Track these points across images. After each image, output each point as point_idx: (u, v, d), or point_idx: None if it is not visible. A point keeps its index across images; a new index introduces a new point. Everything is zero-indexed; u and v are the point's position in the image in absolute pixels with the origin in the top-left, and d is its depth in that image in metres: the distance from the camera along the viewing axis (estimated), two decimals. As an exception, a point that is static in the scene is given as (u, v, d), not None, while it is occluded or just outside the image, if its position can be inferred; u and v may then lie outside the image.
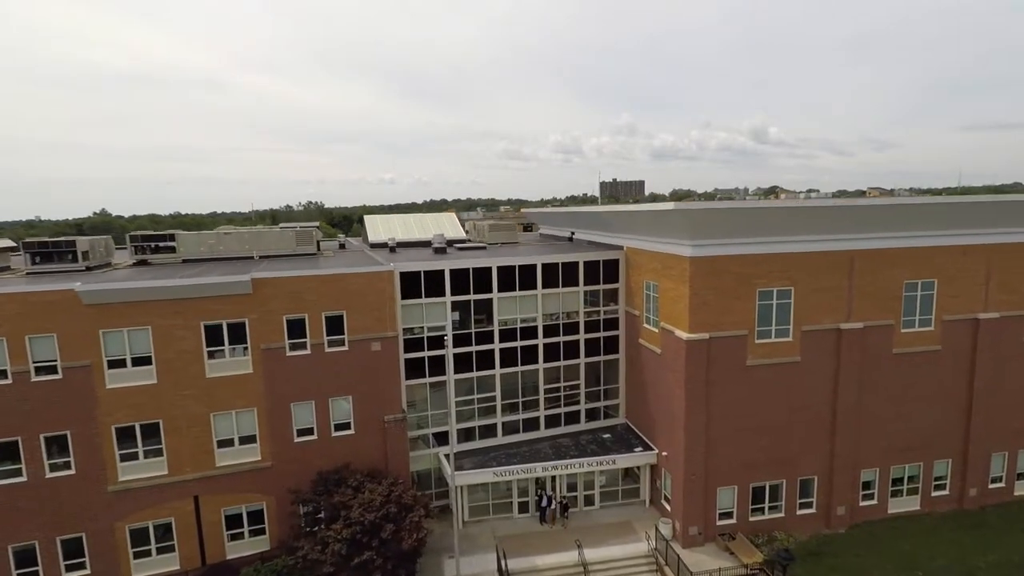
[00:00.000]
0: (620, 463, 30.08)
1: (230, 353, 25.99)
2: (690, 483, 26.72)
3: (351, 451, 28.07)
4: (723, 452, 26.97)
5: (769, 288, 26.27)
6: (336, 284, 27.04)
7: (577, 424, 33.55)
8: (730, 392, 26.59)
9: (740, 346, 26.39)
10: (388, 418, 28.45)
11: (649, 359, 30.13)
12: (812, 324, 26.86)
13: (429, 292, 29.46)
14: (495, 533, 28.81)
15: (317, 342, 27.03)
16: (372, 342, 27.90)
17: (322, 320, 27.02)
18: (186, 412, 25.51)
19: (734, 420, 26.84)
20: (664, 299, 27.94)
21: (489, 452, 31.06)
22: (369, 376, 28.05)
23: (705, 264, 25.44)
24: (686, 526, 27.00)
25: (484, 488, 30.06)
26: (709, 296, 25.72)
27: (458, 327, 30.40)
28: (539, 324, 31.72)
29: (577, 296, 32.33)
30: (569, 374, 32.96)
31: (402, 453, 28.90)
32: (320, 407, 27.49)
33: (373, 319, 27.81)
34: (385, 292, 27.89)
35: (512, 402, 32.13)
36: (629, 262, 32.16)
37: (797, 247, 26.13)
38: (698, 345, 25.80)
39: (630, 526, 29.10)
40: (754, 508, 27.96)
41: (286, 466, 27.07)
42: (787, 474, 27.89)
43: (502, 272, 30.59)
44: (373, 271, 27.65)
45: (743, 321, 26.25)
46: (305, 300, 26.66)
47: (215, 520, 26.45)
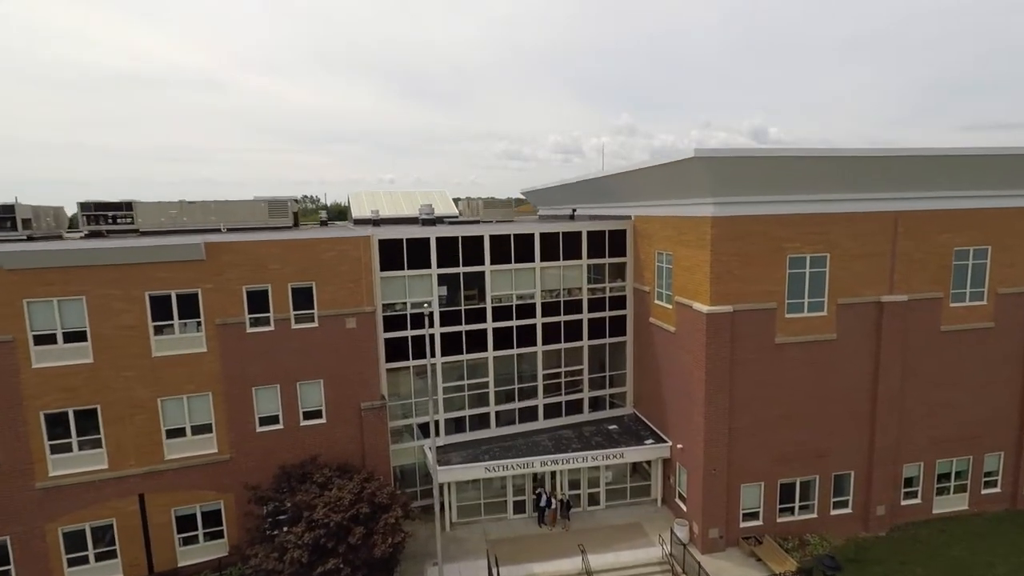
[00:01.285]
0: (629, 457, 26.62)
1: (180, 329, 22.52)
2: (710, 479, 23.26)
3: (323, 443, 24.62)
4: (748, 444, 23.52)
5: (801, 254, 22.83)
6: (304, 251, 23.59)
7: (580, 414, 30.10)
8: (756, 374, 23.15)
9: (768, 321, 22.94)
10: (365, 405, 25.00)
11: (661, 340, 26.69)
12: (849, 296, 23.41)
13: (413, 263, 26.01)
14: (487, 536, 25.34)
15: (282, 317, 23.58)
16: (346, 318, 24.45)
17: (288, 292, 23.57)
18: (129, 397, 22.04)
19: (761, 407, 23.40)
20: (680, 270, 24.49)
21: (481, 445, 27.61)
22: (343, 357, 24.59)
23: (729, 225, 22.01)
24: (705, 528, 23.54)
25: (475, 485, 26.60)
26: (733, 263, 22.27)
27: (446, 303, 26.95)
28: (537, 301, 28.27)
29: (580, 271, 28.88)
30: (571, 358, 29.51)
31: (381, 445, 25.45)
32: (286, 392, 24.04)
33: (347, 292, 24.35)
34: (361, 262, 24.44)
35: (507, 389, 28.68)
36: (638, 232, 28.72)
37: (834, 207, 22.69)
38: (720, 319, 22.36)
39: (640, 528, 25.63)
40: (782, 508, 24.49)
41: (247, 460, 23.62)
42: (820, 469, 24.43)
43: (496, 242, 27.16)
44: (347, 236, 24.21)
45: (772, 292, 22.81)
46: (268, 269, 23.21)
47: (164, 522, 22.97)
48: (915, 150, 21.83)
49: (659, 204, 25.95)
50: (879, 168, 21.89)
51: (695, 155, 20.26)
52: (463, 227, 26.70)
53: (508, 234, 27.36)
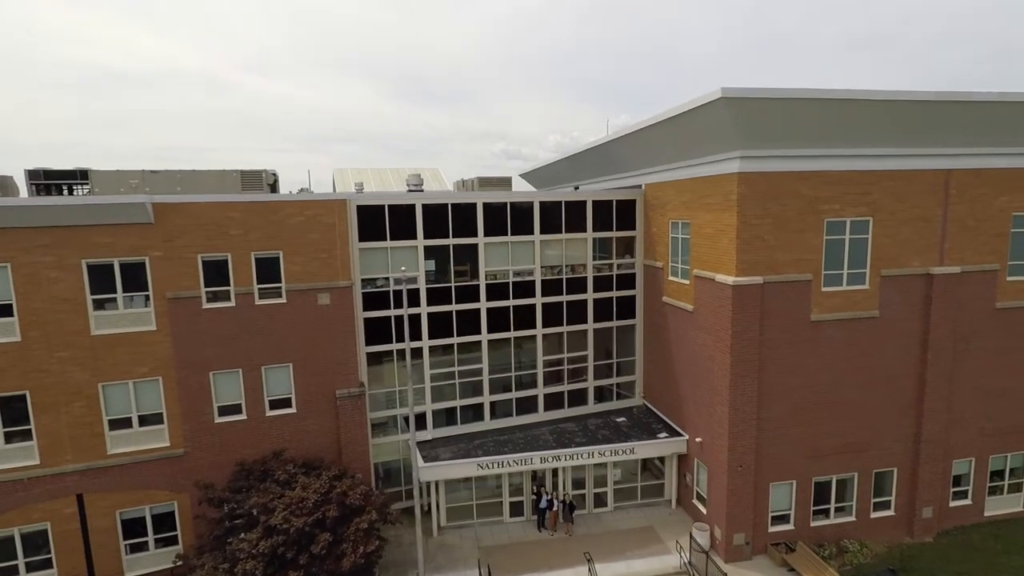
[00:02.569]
0: (640, 452, 23.61)
1: (125, 303, 19.51)
2: (736, 477, 20.25)
3: (293, 435, 21.62)
4: (778, 436, 20.52)
5: (841, 218, 19.84)
6: (269, 215, 20.58)
7: (584, 405, 27.09)
8: (789, 357, 20.16)
9: (802, 296, 19.95)
10: (341, 393, 21.98)
11: (677, 321, 23.69)
12: (895, 267, 20.43)
13: (396, 233, 23.00)
14: (480, 543, 22.31)
15: (244, 291, 20.56)
16: (318, 293, 21.44)
17: (251, 262, 20.55)
18: (64, 381, 19.03)
19: (793, 394, 20.41)
20: (699, 239, 21.50)
21: (474, 439, 24.59)
22: (315, 338, 21.58)
23: (758, 183, 19.03)
24: (730, 533, 20.53)
25: (466, 484, 23.59)
26: (764, 227, 19.29)
27: (434, 279, 23.95)
28: (537, 279, 25.26)
29: (584, 245, 25.87)
30: (574, 343, 26.50)
31: (359, 439, 22.43)
32: (250, 378, 21.03)
33: (319, 264, 21.34)
34: (335, 229, 21.43)
35: (503, 377, 25.67)
36: (649, 203, 25.73)
37: (878, 163, 19.71)
38: (748, 293, 19.37)
39: (653, 533, 22.62)
40: (816, 510, 21.48)
41: (204, 455, 20.60)
42: (859, 465, 21.42)
43: (490, 212, 24.16)
44: (319, 200, 21.19)
45: (806, 262, 19.82)
46: (228, 235, 20.20)
47: (107, 526, 19.95)
48: (983, 95, 18.82)
49: (674, 167, 22.95)
50: (936, 116, 18.88)
51: (722, 95, 17.26)
52: (454, 194, 23.66)
53: (504, 203, 24.37)
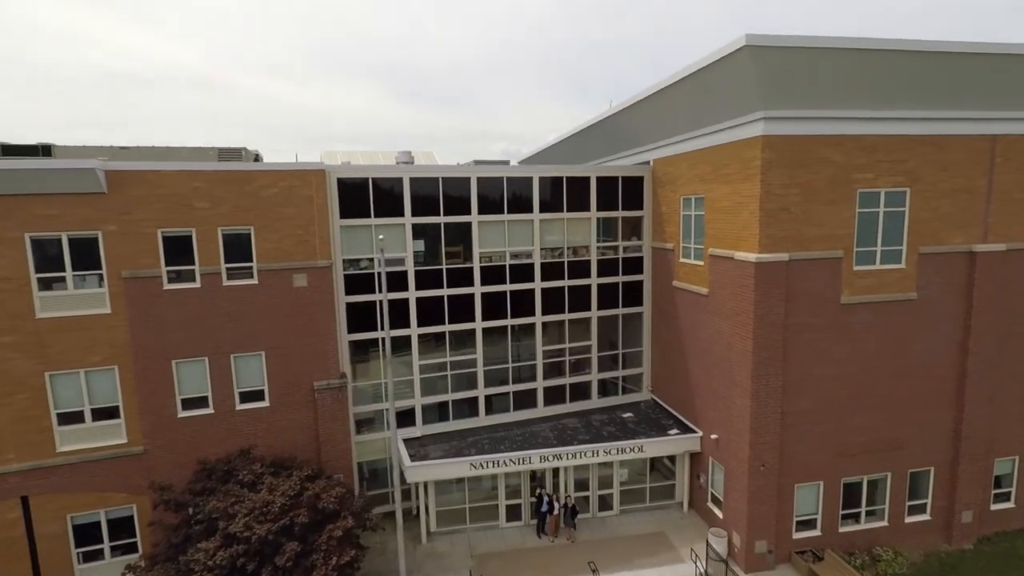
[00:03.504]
0: (649, 451, 21.53)
1: (75, 283, 17.45)
2: (758, 478, 18.19)
3: (266, 432, 19.56)
4: (805, 433, 18.47)
5: (874, 188, 17.79)
6: (239, 186, 18.51)
7: (587, 400, 25.02)
8: (816, 343, 18.10)
9: (832, 275, 17.90)
10: (319, 385, 19.92)
11: (689, 307, 21.63)
12: (934, 244, 18.38)
13: (382, 210, 20.93)
14: (473, 550, 20.25)
15: (211, 271, 18.50)
16: (294, 274, 19.37)
17: (218, 239, 18.49)
18: (5, 371, 16.98)
19: (821, 385, 18.35)
20: (716, 214, 19.45)
21: (468, 436, 22.52)
22: (291, 323, 19.52)
23: (784, 148, 16.98)
24: (750, 540, 18.46)
25: (459, 486, 21.51)
26: (790, 198, 17.24)
27: (423, 261, 21.89)
28: (536, 261, 23.19)
29: (587, 226, 23.80)
30: (576, 333, 24.44)
31: (340, 435, 20.36)
32: (218, 367, 18.97)
33: (295, 241, 19.27)
34: (313, 202, 19.37)
35: (499, 369, 23.60)
36: (658, 180, 23.67)
37: (917, 127, 17.65)
38: (773, 271, 17.31)
39: (664, 540, 20.54)
40: (845, 514, 19.42)
41: (166, 453, 18.54)
42: (893, 465, 19.36)
43: (485, 187, 22.09)
44: (294, 169, 19.11)
45: (837, 237, 17.77)
46: (193, 208, 18.13)
47: (57, 532, 17.88)
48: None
49: (688, 137, 20.88)
50: (985, 71, 16.83)
51: (746, 43, 15.19)
52: (446, 168, 21.61)
53: (500, 177, 22.29)
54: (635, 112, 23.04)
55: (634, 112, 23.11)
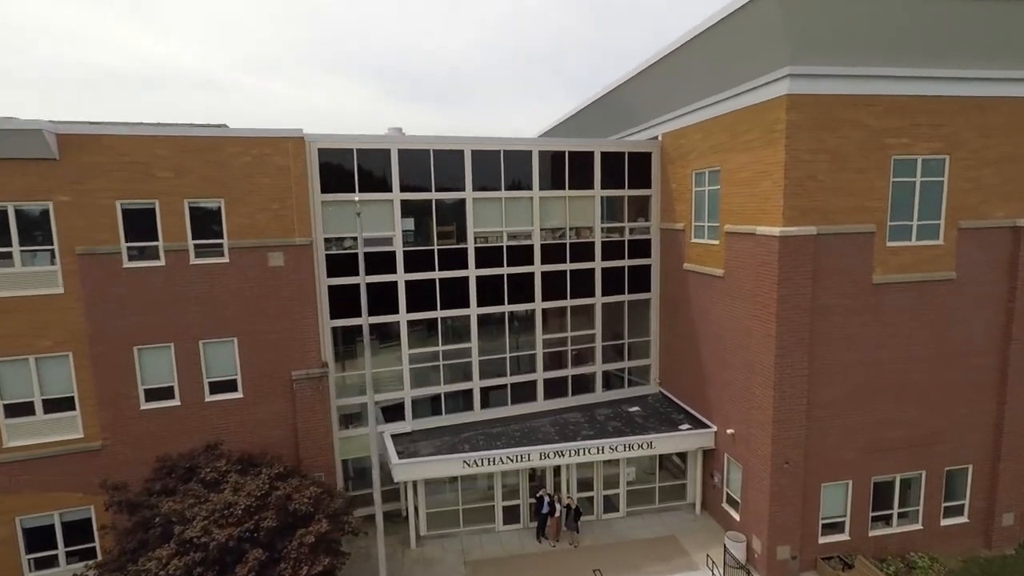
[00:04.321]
0: (660, 447, 19.79)
1: (23, 260, 15.71)
2: (781, 476, 16.44)
3: (239, 426, 17.82)
4: (832, 426, 16.73)
5: (910, 155, 16.06)
6: (207, 154, 16.76)
7: (591, 393, 23.27)
8: (846, 327, 16.37)
9: (863, 252, 16.17)
10: (298, 375, 18.18)
11: (702, 291, 19.90)
12: (975, 218, 16.66)
13: (367, 184, 19.20)
14: (466, 556, 18.50)
15: (177, 247, 16.76)
16: (269, 252, 17.63)
17: (185, 212, 16.75)
18: (-56, 356, 15.25)
19: (851, 373, 16.62)
20: (733, 187, 17.73)
21: (462, 431, 20.78)
22: (266, 307, 17.78)
23: (812, 109, 15.25)
24: (772, 545, 16.71)
25: (452, 486, 19.77)
26: (818, 165, 15.51)
27: (413, 241, 20.16)
28: (536, 242, 21.45)
29: (591, 205, 22.07)
30: (579, 320, 22.71)
31: (320, 430, 18.62)
32: (185, 354, 17.23)
33: (270, 216, 17.53)
34: (290, 173, 17.62)
35: (496, 359, 21.85)
36: (668, 155, 21.94)
37: (959, 87, 15.92)
38: (799, 246, 15.57)
39: (676, 544, 18.80)
40: (876, 516, 17.68)
41: (128, 449, 16.80)
42: (928, 462, 17.63)
43: (481, 162, 20.35)
44: (268, 136, 17.36)
45: (868, 210, 16.04)
46: (155, 178, 16.38)
47: (5, 537, 16.15)
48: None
49: (702, 105, 19.15)
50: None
51: (773, -16, 13.48)
52: (437, 139, 19.87)
53: (497, 150, 20.54)
54: (641, 82, 21.30)
55: (640, 82, 21.37)
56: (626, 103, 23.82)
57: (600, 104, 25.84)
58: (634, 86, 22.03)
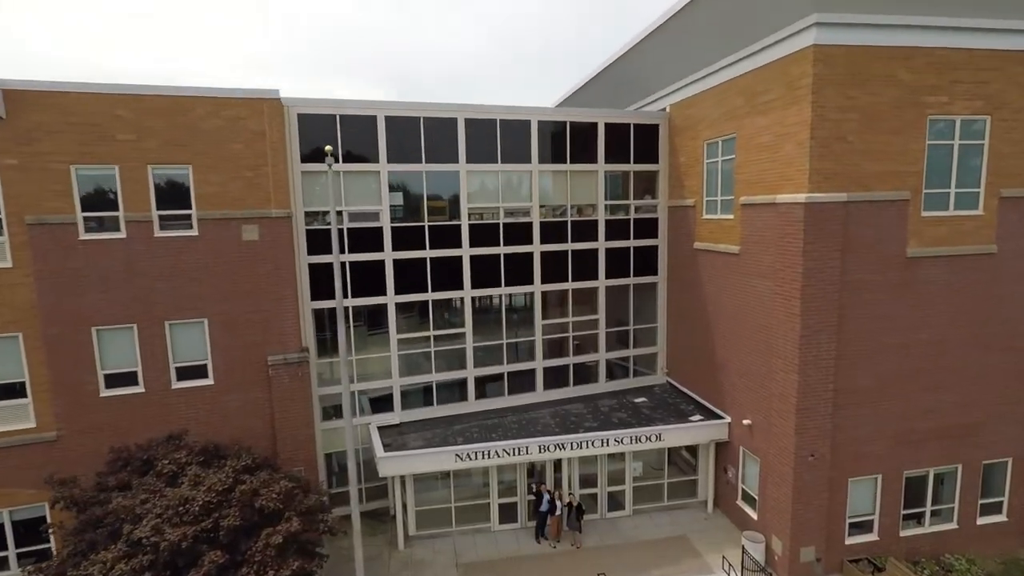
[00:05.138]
0: (669, 439, 18.26)
1: (-34, 230, 14.18)
2: (805, 471, 14.92)
3: (210, 415, 16.30)
4: (862, 415, 15.21)
5: (948, 115, 14.54)
6: (173, 116, 15.22)
7: (594, 383, 21.76)
8: (877, 305, 14.85)
9: (896, 222, 14.65)
10: (274, 359, 16.65)
11: (715, 271, 18.39)
12: (1018, 186, 15.13)
13: (352, 154, 17.68)
14: (459, 558, 16.97)
15: (140, 218, 15.23)
16: (243, 225, 16.09)
17: (149, 179, 15.23)
18: None
19: (882, 357, 15.09)
20: (750, 154, 16.21)
21: (455, 423, 19.26)
22: (239, 285, 16.25)
23: (841, 62, 13.73)
24: (795, 546, 15.19)
25: (444, 482, 18.24)
26: (847, 124, 13.99)
27: (402, 217, 18.65)
28: (535, 220, 19.93)
29: (594, 180, 20.56)
30: (582, 305, 21.20)
31: (300, 421, 17.08)
32: (149, 336, 15.69)
33: (244, 185, 16.00)
34: (266, 139, 16.09)
35: (491, 345, 20.33)
36: (676, 127, 20.42)
37: (1004, 40, 14.40)
38: (827, 214, 14.06)
39: (687, 545, 17.27)
40: (907, 515, 16.15)
41: (85, 440, 15.26)
42: (964, 455, 16.10)
43: (476, 132, 18.85)
44: (242, 97, 15.81)
45: (902, 175, 14.52)
46: (115, 141, 14.85)
47: (-53, 536, 14.62)
48: None
49: (714, 69, 17.60)
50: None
51: (803, -88, 11.96)
52: (427, 106, 18.34)
53: (492, 119, 19.02)
54: (647, 50, 19.83)
55: (645, 50, 19.90)
56: (630, 74, 22.33)
57: (603, 77, 24.39)
58: (639, 55, 20.59)
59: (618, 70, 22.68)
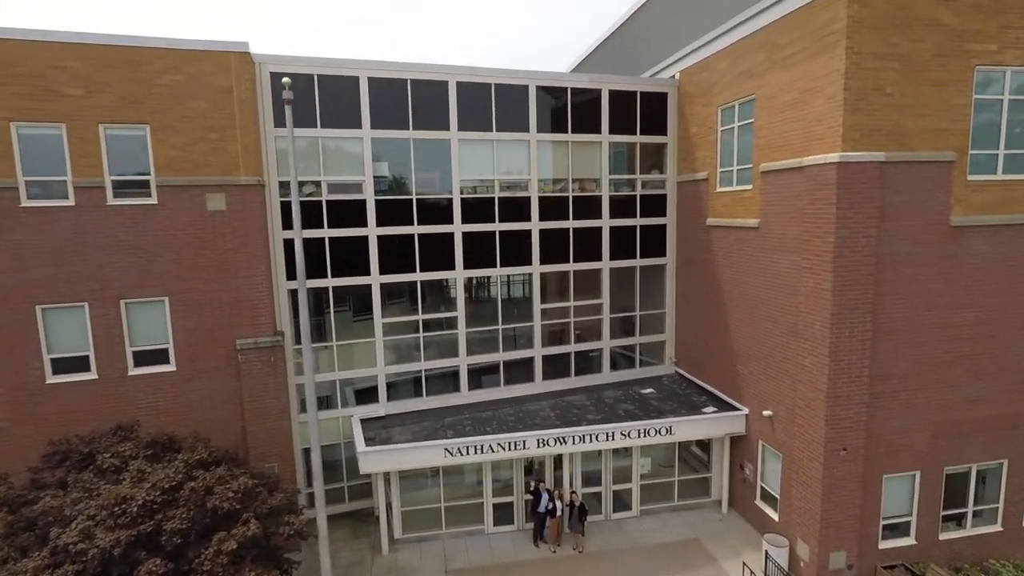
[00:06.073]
0: (680, 433, 16.62)
1: None
2: (836, 466, 13.29)
3: (172, 405, 14.70)
4: (899, 405, 13.59)
5: (997, 66, 12.91)
6: (127, 68, 13.59)
7: (597, 373, 20.14)
8: (917, 281, 13.23)
9: (939, 186, 13.03)
10: (244, 343, 15.03)
11: (730, 248, 16.78)
12: (1074, 149, 13.52)
13: (331, 118, 16.07)
14: (449, 564, 15.34)
15: (91, 183, 13.61)
16: (208, 193, 14.47)
17: (100, 140, 13.60)
18: None
19: (922, 339, 13.47)
20: (772, 114, 14.60)
21: (445, 415, 17.64)
22: (204, 260, 14.64)
23: (879, 1, 12.13)
24: (825, 551, 13.56)
25: (434, 480, 16.62)
26: (886, 74, 12.37)
27: (387, 189, 17.04)
28: (533, 195, 18.32)
29: (597, 152, 18.95)
30: (584, 288, 19.59)
31: (273, 412, 15.47)
32: (103, 316, 14.08)
33: (209, 148, 14.37)
34: (233, 98, 14.46)
35: (486, 332, 18.72)
36: (687, 95, 18.81)
37: (1059, -21, 12.79)
38: (863, 175, 12.45)
39: (701, 549, 15.65)
40: (947, 515, 14.52)
41: (29, 431, 13.64)
42: (1010, 449, 14.46)
43: (468, 97, 17.24)
44: (205, 50, 14.18)
45: (946, 133, 12.90)
46: (62, 96, 13.24)
47: None
48: None
49: (730, 27, 16.01)
50: None
51: None
52: (415, 66, 16.71)
53: (487, 83, 17.40)
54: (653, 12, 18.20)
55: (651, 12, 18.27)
56: (641, 36, 20.71)
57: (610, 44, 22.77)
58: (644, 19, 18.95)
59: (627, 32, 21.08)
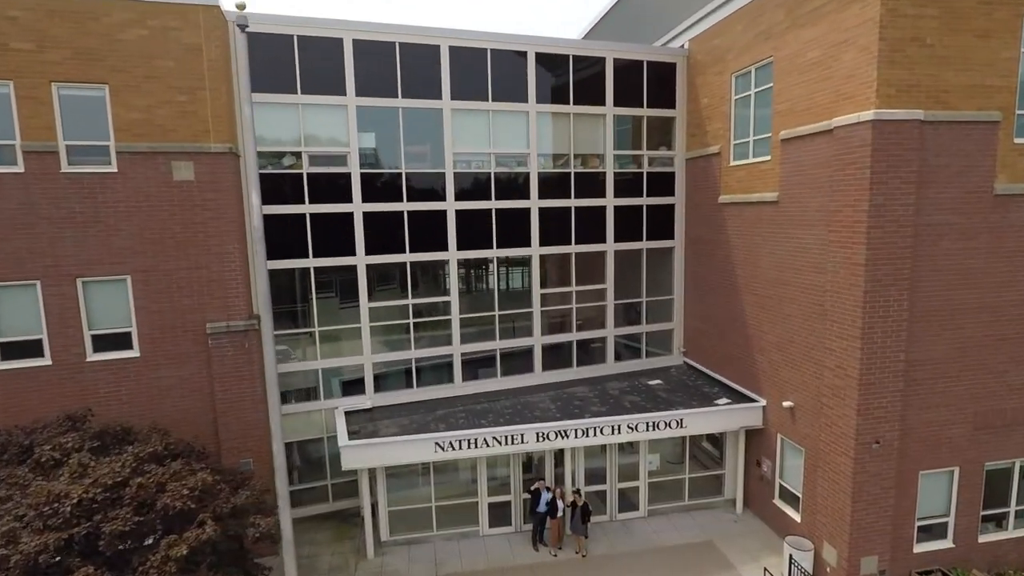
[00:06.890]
0: (692, 426, 15.31)
1: None
2: (869, 462, 12.00)
3: (136, 394, 13.38)
4: (936, 393, 12.30)
5: (1049, 17, 11.64)
6: (84, 21, 12.26)
7: (601, 363, 18.84)
8: (957, 255, 11.94)
9: (983, 150, 11.74)
10: (215, 327, 13.71)
11: (745, 226, 15.50)
12: None
13: (313, 83, 14.77)
14: (439, 568, 14.03)
15: (42, 148, 12.29)
16: (174, 160, 13.15)
17: (53, 100, 12.28)
18: None
19: (963, 320, 12.18)
20: (794, 76, 13.31)
21: (437, 408, 16.32)
22: (171, 235, 13.32)
23: (919, -59, 10.86)
24: (855, 555, 12.25)
25: (423, 476, 15.31)
26: (926, 22, 11.09)
27: (374, 162, 15.75)
28: (532, 170, 17.03)
29: (601, 125, 17.67)
30: (586, 271, 18.30)
31: (248, 402, 14.14)
32: (57, 296, 12.75)
33: (174, 112, 13.05)
34: (203, 57, 13.14)
35: (481, 318, 17.43)
36: (697, 65, 17.53)
37: (1117, -81, 11.51)
38: (900, 134, 11.16)
39: (715, 552, 14.34)
40: (987, 516, 13.23)
41: (-25, 423, 12.32)
42: (1056, 444, 13.18)
43: (462, 63, 15.94)
44: (171, 2, 12.86)
45: (990, 91, 11.62)
46: (8, 50, 11.92)
47: None
48: None
49: (745, -17, 14.74)
50: None
51: None
52: (405, 29, 15.42)
53: (482, 48, 16.10)
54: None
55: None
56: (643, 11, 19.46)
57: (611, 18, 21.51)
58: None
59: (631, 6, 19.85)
